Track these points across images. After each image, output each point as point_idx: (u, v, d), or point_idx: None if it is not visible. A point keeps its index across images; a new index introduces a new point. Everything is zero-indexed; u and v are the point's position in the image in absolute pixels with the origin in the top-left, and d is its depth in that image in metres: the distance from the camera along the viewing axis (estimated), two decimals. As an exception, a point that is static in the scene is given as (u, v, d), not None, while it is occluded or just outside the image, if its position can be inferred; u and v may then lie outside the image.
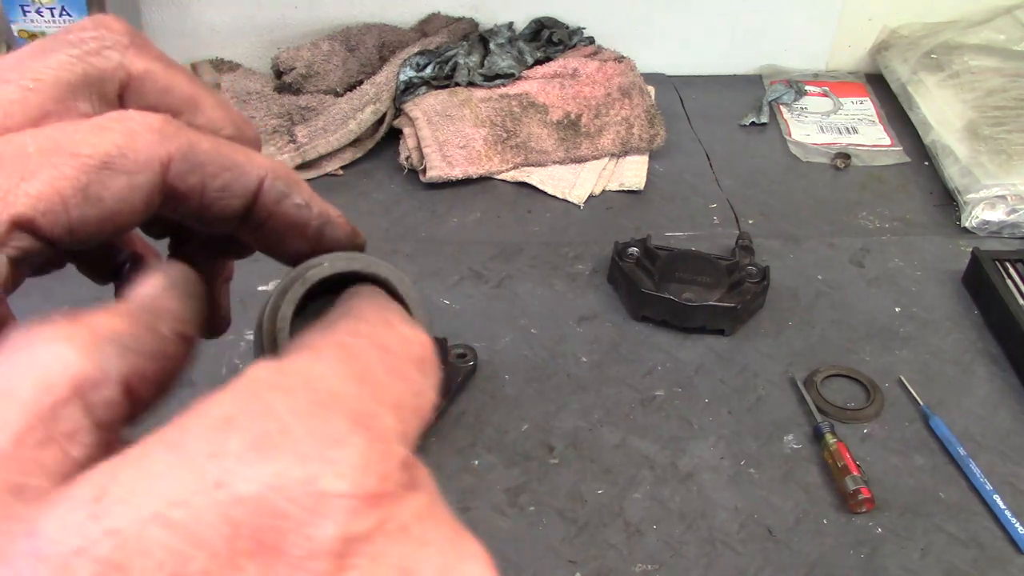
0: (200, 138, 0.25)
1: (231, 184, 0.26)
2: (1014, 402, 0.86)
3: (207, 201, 0.26)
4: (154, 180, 0.24)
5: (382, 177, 1.09)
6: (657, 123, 1.13)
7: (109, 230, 0.24)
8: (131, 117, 0.25)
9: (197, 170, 0.25)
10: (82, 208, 0.23)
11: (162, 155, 0.24)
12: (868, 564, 0.72)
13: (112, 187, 0.24)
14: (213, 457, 0.17)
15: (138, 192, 0.24)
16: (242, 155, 0.26)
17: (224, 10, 1.20)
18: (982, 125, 1.11)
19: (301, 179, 0.27)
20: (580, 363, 0.87)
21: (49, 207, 0.23)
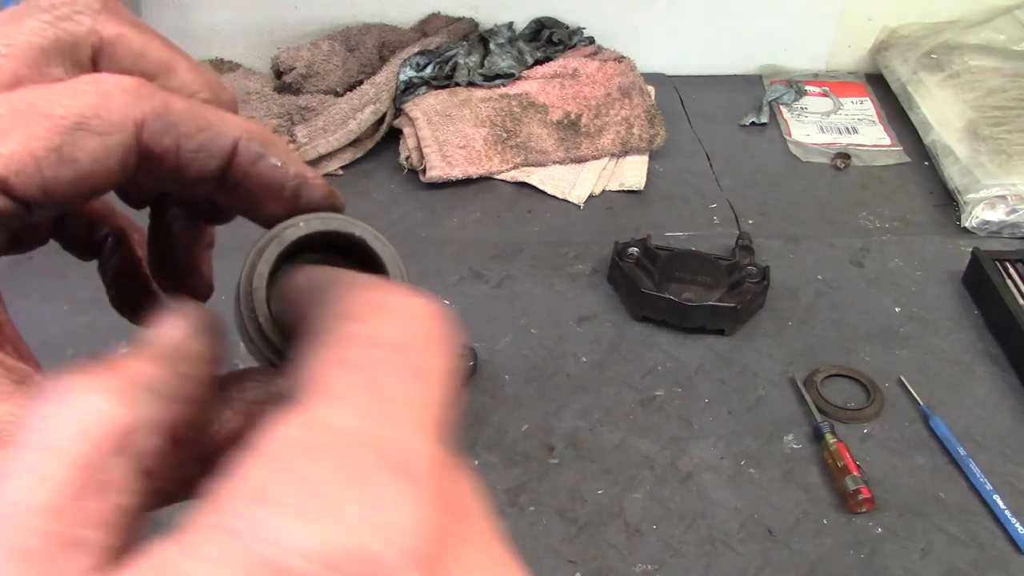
0: (174, 99, 0.25)
1: (206, 144, 0.26)
2: (1014, 402, 0.86)
3: (182, 162, 0.26)
4: (128, 141, 0.24)
5: (382, 177, 1.09)
6: (657, 123, 1.13)
7: (84, 191, 0.24)
8: (104, 79, 0.25)
9: (171, 130, 0.25)
10: (56, 168, 0.23)
11: (136, 116, 0.24)
12: (868, 564, 0.72)
13: (86, 148, 0.24)
14: (260, 537, 0.16)
15: (112, 153, 0.24)
16: (216, 115, 0.26)
17: (224, 10, 1.20)
18: (982, 125, 1.11)
19: (277, 140, 0.27)
20: (580, 363, 0.87)
21: (22, 167, 0.23)
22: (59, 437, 0.18)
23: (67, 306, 0.89)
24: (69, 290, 0.90)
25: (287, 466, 0.17)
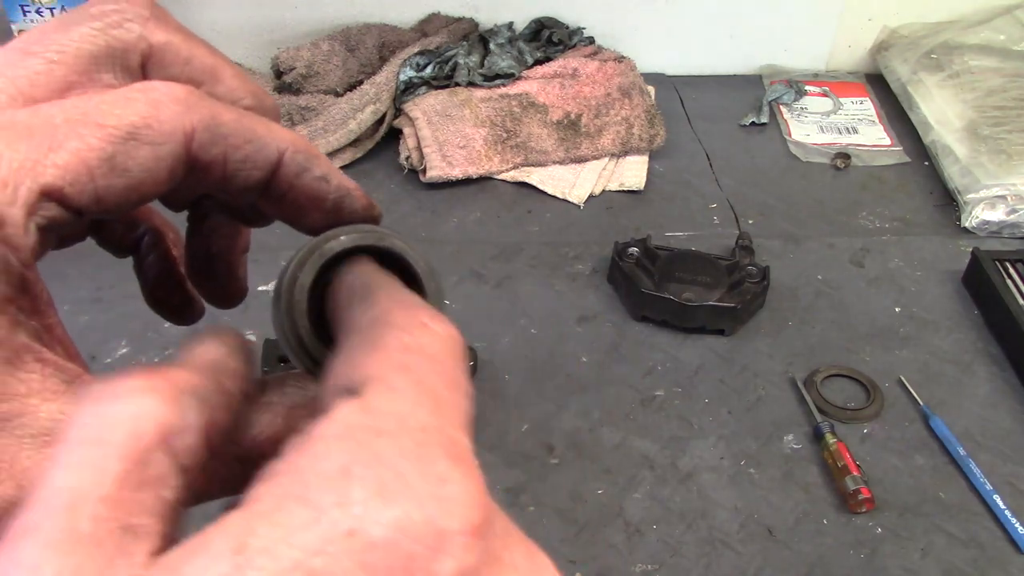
0: (223, 109, 0.26)
1: (253, 156, 0.26)
2: (1014, 402, 0.86)
3: (229, 172, 0.26)
4: (178, 150, 0.25)
5: (382, 177, 1.09)
6: (657, 123, 1.13)
7: (134, 199, 0.25)
8: (155, 88, 0.25)
9: (220, 141, 0.25)
10: (108, 178, 0.24)
11: (186, 126, 0.25)
12: (868, 564, 0.72)
13: (138, 157, 0.24)
14: (341, 507, 0.18)
15: (163, 162, 0.25)
16: (263, 127, 0.26)
17: (224, 10, 1.20)
18: (982, 125, 1.11)
19: (320, 152, 0.28)
20: (580, 363, 0.87)
21: (76, 177, 0.23)
22: (111, 433, 0.19)
23: (67, 306, 0.89)
24: (69, 290, 0.90)
25: (366, 449, 0.19)
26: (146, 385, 0.20)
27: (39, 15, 1.01)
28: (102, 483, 0.18)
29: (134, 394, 0.20)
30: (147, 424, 0.20)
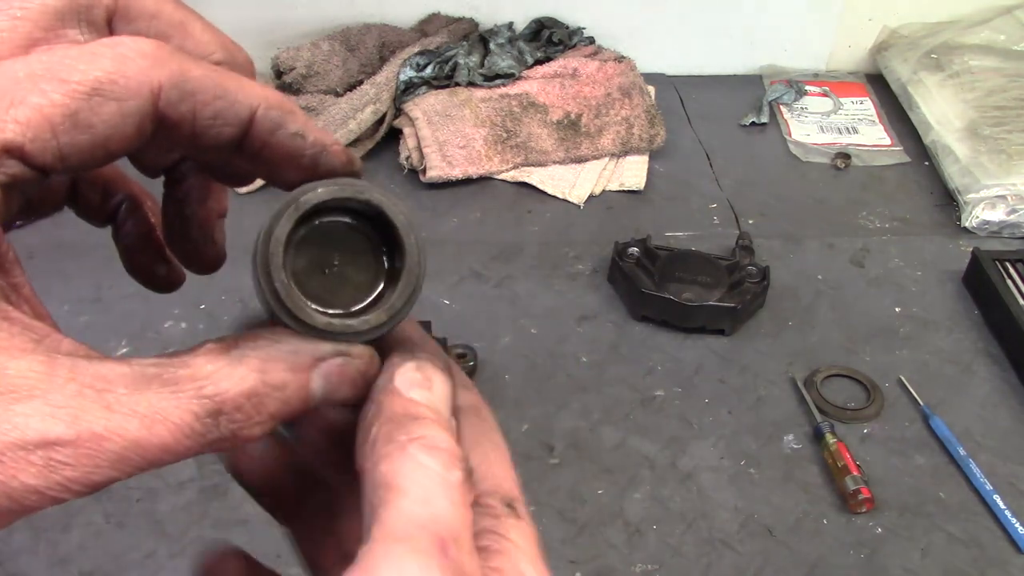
0: (192, 65, 0.25)
1: (223, 112, 0.26)
2: (1014, 402, 0.86)
3: (199, 129, 0.26)
4: (145, 107, 0.24)
5: (382, 177, 1.09)
6: (657, 123, 1.13)
7: (101, 156, 0.24)
8: (122, 43, 0.25)
9: (188, 98, 0.25)
10: (72, 135, 0.24)
11: (152, 82, 0.24)
12: (868, 564, 0.72)
13: (102, 114, 0.24)
14: None
15: (129, 119, 0.24)
16: (234, 82, 0.26)
17: (224, 10, 1.19)
18: (982, 125, 1.11)
19: (296, 107, 0.27)
20: (580, 363, 0.87)
21: (38, 134, 0.23)
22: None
23: (67, 306, 0.89)
24: (69, 290, 0.90)
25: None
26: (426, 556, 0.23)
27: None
28: None
29: (411, 559, 0.22)
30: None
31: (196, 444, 0.24)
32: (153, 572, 0.69)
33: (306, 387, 0.25)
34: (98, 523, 0.72)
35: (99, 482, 0.23)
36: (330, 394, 0.26)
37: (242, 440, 0.25)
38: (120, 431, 0.22)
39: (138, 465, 0.23)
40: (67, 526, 0.71)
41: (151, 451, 0.23)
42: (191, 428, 0.23)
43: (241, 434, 0.24)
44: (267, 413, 0.25)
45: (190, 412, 0.23)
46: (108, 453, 0.22)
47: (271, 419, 0.25)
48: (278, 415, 0.25)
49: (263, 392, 0.25)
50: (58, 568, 0.69)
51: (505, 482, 0.28)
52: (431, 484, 0.24)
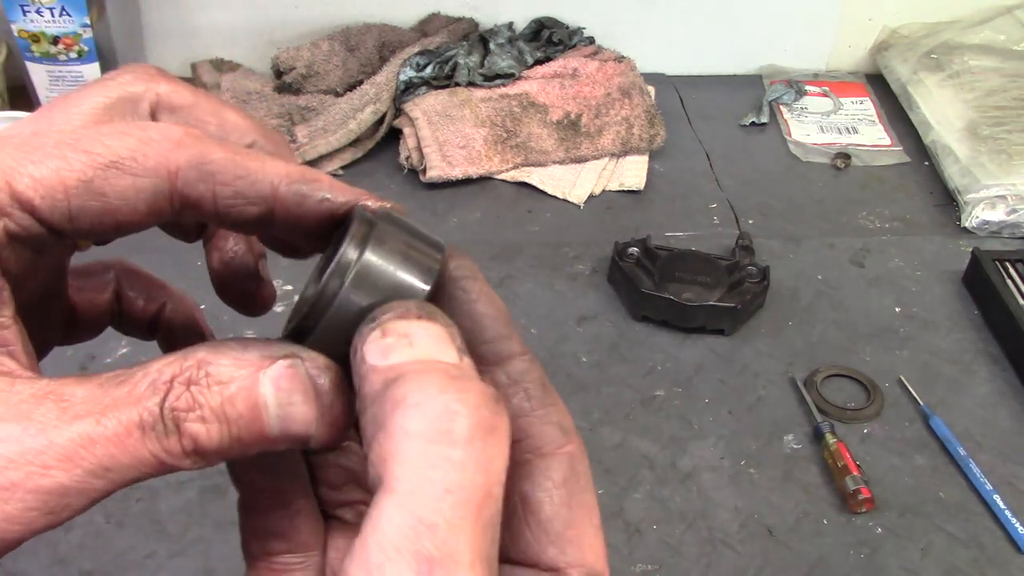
0: (215, 148, 0.26)
1: (244, 191, 0.26)
2: (1014, 402, 0.86)
3: (221, 209, 0.26)
4: (160, 185, 0.25)
5: (382, 177, 1.09)
6: (657, 123, 1.13)
7: (110, 225, 0.25)
8: (151, 127, 0.26)
9: (208, 178, 0.26)
10: (83, 199, 0.25)
11: (171, 163, 0.25)
12: (868, 564, 0.72)
13: (116, 185, 0.25)
14: None
15: (142, 194, 0.25)
16: (256, 163, 0.26)
17: (224, 10, 1.20)
18: (982, 125, 1.11)
19: (320, 174, 0.28)
20: (580, 363, 0.87)
21: (49, 192, 0.24)
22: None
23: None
24: (69, 290, 0.90)
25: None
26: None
27: (39, 15, 1.01)
28: None
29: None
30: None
31: (150, 441, 0.23)
32: (153, 572, 0.69)
33: (255, 391, 0.24)
34: (98, 523, 0.72)
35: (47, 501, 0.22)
36: (283, 406, 0.24)
37: (191, 440, 0.23)
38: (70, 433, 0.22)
39: (91, 470, 0.22)
40: (67, 526, 0.71)
41: (106, 448, 0.23)
42: (140, 418, 0.23)
43: (185, 428, 0.23)
44: (209, 407, 0.24)
45: (137, 401, 0.23)
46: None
47: (216, 417, 0.24)
48: (225, 416, 0.24)
49: (205, 384, 0.24)
50: (58, 568, 0.69)
51: (591, 553, 0.26)
52: (418, 467, 0.21)
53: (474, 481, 0.21)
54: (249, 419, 0.24)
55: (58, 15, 1.01)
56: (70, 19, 1.02)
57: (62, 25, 1.02)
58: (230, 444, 0.24)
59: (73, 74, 1.05)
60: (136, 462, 0.23)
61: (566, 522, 0.26)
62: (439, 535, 0.20)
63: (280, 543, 0.29)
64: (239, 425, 0.24)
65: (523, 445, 0.27)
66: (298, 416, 0.24)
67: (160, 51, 1.21)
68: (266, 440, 0.25)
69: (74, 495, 0.23)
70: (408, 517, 0.20)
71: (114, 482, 0.23)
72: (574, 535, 0.26)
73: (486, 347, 0.28)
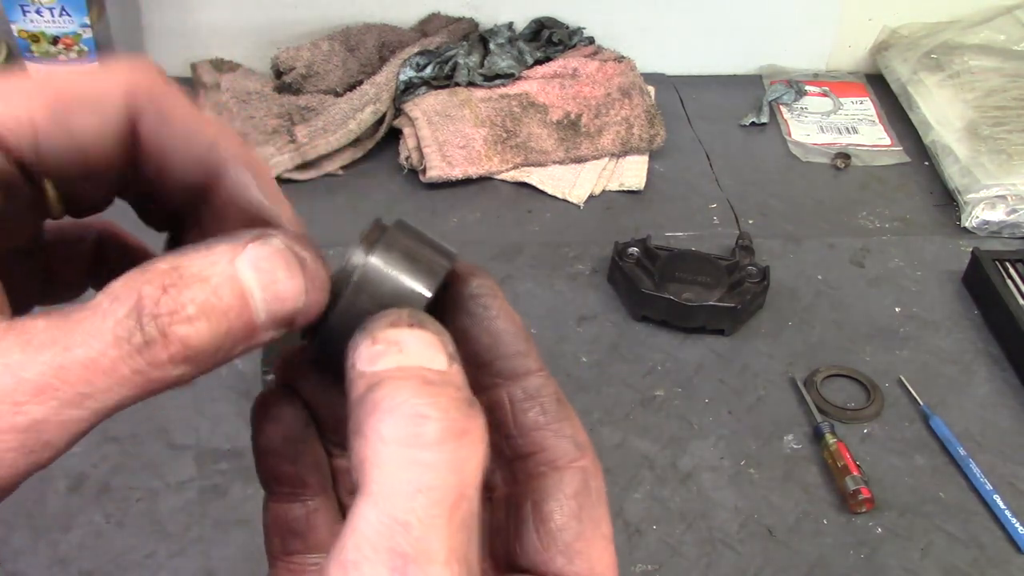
0: (180, 99, 0.26)
1: (190, 150, 0.26)
2: (1014, 402, 0.86)
3: (167, 157, 0.26)
4: (122, 120, 0.25)
5: (382, 177, 1.09)
6: (657, 123, 1.13)
7: (78, 163, 0.25)
8: (119, 66, 0.26)
9: (163, 121, 0.26)
10: (51, 134, 0.24)
11: (131, 92, 0.25)
12: (868, 564, 0.72)
13: (82, 118, 0.25)
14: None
15: (109, 128, 0.25)
16: (213, 129, 0.27)
17: (224, 10, 1.20)
18: (982, 125, 1.11)
19: (270, 175, 0.27)
20: (580, 363, 0.87)
21: (17, 125, 0.24)
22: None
23: (67, 306, 0.89)
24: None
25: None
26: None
27: (39, 15, 1.01)
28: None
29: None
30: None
31: (129, 357, 0.22)
32: (153, 572, 0.69)
33: (237, 278, 0.23)
34: (98, 523, 0.72)
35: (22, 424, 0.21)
36: (268, 287, 0.23)
37: (180, 344, 0.22)
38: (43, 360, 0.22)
39: (67, 400, 0.22)
40: (67, 526, 0.71)
41: (79, 373, 0.22)
42: (114, 335, 0.22)
43: (172, 332, 0.22)
44: (195, 304, 0.22)
45: (104, 317, 0.22)
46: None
47: (204, 314, 0.23)
48: (214, 309, 0.23)
49: (183, 283, 0.23)
50: (58, 568, 0.69)
51: (599, 564, 0.26)
52: (393, 470, 0.21)
53: (446, 482, 0.21)
54: (238, 308, 0.23)
55: (58, 15, 1.01)
56: (70, 19, 1.02)
57: (62, 25, 1.02)
58: (222, 341, 0.23)
59: (73, 74, 1.05)
60: (115, 383, 0.22)
61: (576, 533, 0.27)
62: (413, 533, 0.21)
63: (299, 542, 0.29)
64: (229, 317, 0.23)
65: (537, 458, 0.27)
66: (285, 292, 0.24)
67: (160, 51, 1.21)
68: (255, 329, 0.24)
69: (53, 429, 0.22)
70: (383, 517, 0.21)
71: (95, 411, 0.22)
72: (583, 546, 0.26)
73: (503, 362, 0.28)
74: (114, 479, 0.75)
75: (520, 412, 0.27)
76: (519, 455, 0.28)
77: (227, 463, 0.76)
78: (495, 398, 0.28)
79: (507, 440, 0.28)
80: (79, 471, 0.75)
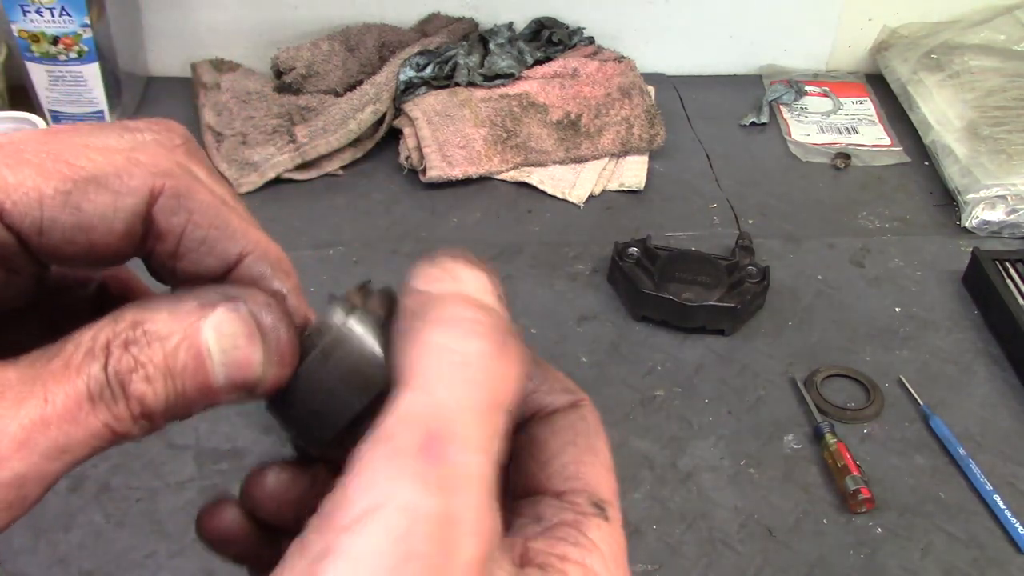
0: (201, 189, 0.25)
1: (212, 243, 0.25)
2: (1014, 402, 0.86)
3: (184, 250, 0.25)
4: (139, 207, 0.24)
5: (382, 177, 1.09)
6: (657, 123, 1.13)
7: (82, 244, 0.24)
8: (140, 145, 0.25)
9: (183, 214, 0.25)
10: (58, 210, 0.23)
11: (154, 186, 0.24)
12: (868, 564, 0.72)
13: (95, 200, 0.24)
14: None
15: (120, 213, 0.24)
16: (238, 221, 0.26)
17: (224, 10, 1.20)
18: (982, 125, 1.11)
19: (290, 268, 0.27)
20: (580, 363, 0.87)
21: (23, 198, 0.23)
22: None
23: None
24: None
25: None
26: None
27: (39, 15, 1.01)
28: None
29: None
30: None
31: (101, 412, 0.22)
32: (153, 572, 0.69)
33: (196, 339, 0.23)
34: (98, 523, 0.72)
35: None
36: (228, 351, 0.24)
37: (139, 403, 0.23)
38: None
39: (46, 453, 0.22)
40: (67, 526, 0.71)
41: (59, 427, 0.22)
42: (88, 389, 0.22)
43: (131, 390, 0.22)
44: (152, 364, 0.23)
45: (78, 371, 0.22)
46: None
47: (160, 374, 0.23)
48: (169, 370, 0.23)
49: (144, 341, 0.23)
50: (58, 568, 0.69)
51: (598, 484, 0.26)
52: (438, 365, 0.21)
53: (487, 385, 0.22)
54: (194, 369, 0.23)
55: (58, 15, 1.01)
56: (70, 19, 1.01)
57: (62, 25, 1.02)
58: (176, 400, 0.23)
59: (73, 74, 1.05)
60: (89, 436, 0.22)
61: (572, 457, 0.26)
62: (452, 417, 0.21)
63: None
64: (183, 378, 0.23)
65: (531, 400, 0.28)
66: (243, 359, 0.24)
67: (160, 51, 1.21)
68: (212, 391, 0.24)
69: (32, 483, 0.22)
70: (425, 399, 0.21)
71: (68, 463, 0.22)
72: (579, 468, 0.26)
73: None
74: (114, 479, 0.75)
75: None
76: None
77: (227, 463, 0.76)
78: None
79: None
80: (79, 471, 0.75)
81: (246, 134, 1.07)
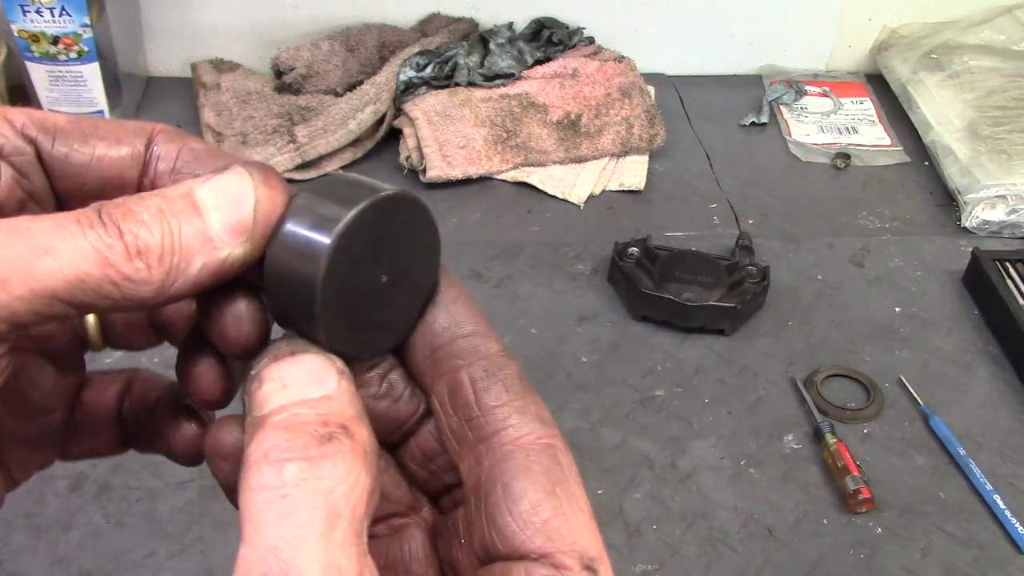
0: (192, 137, 0.28)
1: (206, 157, 0.28)
2: (1014, 402, 0.86)
3: (180, 164, 0.28)
4: (140, 133, 0.27)
5: (382, 177, 1.08)
6: (657, 123, 1.13)
7: (88, 155, 0.27)
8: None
9: (179, 140, 0.28)
10: (70, 127, 0.26)
11: (152, 128, 0.28)
12: (868, 564, 0.72)
13: (102, 126, 0.27)
14: None
15: (124, 136, 0.27)
16: (226, 152, 0.29)
17: (224, 10, 1.20)
18: (982, 125, 1.11)
19: (281, 179, 0.28)
20: (580, 363, 0.87)
21: (39, 119, 0.26)
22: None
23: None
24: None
25: None
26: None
27: (39, 15, 1.01)
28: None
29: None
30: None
31: (84, 232, 0.23)
32: (153, 572, 0.69)
33: (191, 193, 0.24)
34: (98, 523, 0.72)
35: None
36: (222, 195, 0.25)
37: (133, 237, 0.23)
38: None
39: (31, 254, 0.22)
40: (67, 526, 0.71)
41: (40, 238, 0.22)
42: (76, 217, 0.23)
43: (125, 225, 0.23)
44: (148, 210, 0.24)
45: (67, 215, 0.23)
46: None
47: (156, 216, 0.24)
48: (163, 212, 0.24)
49: (142, 199, 0.24)
50: (58, 568, 0.69)
51: (582, 538, 0.25)
52: (258, 509, 0.22)
53: (313, 506, 0.22)
54: (188, 213, 0.24)
55: (58, 15, 1.01)
56: (70, 19, 1.01)
57: (62, 25, 1.02)
58: (171, 244, 0.24)
59: (73, 74, 1.05)
60: (80, 257, 0.22)
61: (552, 509, 0.26)
62: (282, 556, 0.21)
63: None
64: (179, 220, 0.24)
65: (502, 436, 0.27)
66: (237, 195, 0.25)
67: (160, 51, 1.21)
68: (207, 237, 0.24)
69: (19, 301, 0.22)
70: (255, 549, 0.22)
71: (63, 283, 0.22)
72: (561, 523, 0.25)
73: (463, 342, 0.29)
74: (114, 479, 0.75)
75: (482, 391, 0.27)
76: (483, 436, 0.27)
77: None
78: (456, 380, 0.28)
79: (469, 423, 0.27)
80: (79, 471, 0.75)
81: (246, 134, 1.07)
